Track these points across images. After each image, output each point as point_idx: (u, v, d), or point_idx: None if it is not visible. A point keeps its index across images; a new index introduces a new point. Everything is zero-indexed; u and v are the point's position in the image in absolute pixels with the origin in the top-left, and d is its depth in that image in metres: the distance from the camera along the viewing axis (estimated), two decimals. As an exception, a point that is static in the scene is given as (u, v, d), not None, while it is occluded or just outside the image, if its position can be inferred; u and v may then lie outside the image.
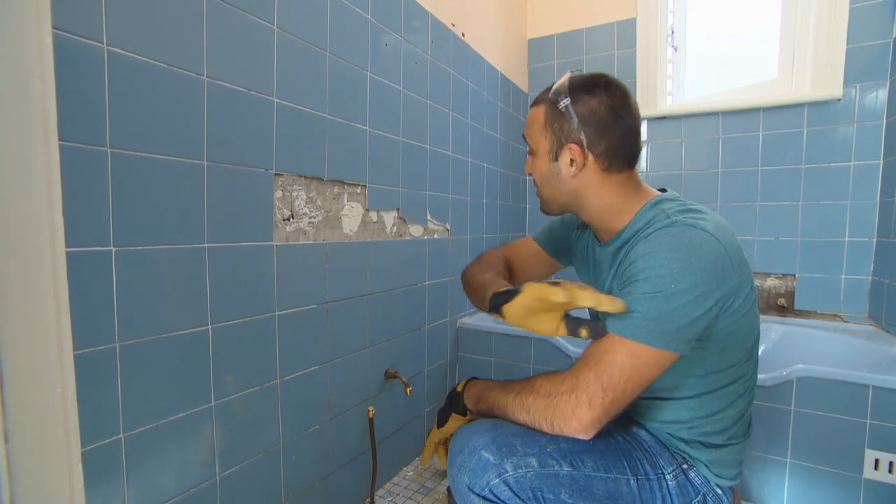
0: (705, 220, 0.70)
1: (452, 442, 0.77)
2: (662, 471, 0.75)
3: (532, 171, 0.85)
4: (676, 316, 0.64)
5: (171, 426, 0.80)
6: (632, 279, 0.68)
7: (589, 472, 0.71)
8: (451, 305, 1.69)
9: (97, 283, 0.69)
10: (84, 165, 0.67)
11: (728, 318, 0.70)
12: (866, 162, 1.72)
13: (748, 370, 0.78)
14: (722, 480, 0.77)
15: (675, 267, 0.65)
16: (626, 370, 0.64)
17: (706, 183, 1.99)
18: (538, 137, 0.81)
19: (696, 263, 0.65)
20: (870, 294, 1.73)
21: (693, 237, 0.67)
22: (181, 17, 0.79)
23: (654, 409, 0.80)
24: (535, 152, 0.82)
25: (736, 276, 0.68)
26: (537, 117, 0.81)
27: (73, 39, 0.65)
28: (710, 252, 0.66)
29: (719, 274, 0.66)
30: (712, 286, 0.65)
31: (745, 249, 0.75)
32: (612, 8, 2.15)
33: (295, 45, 1.01)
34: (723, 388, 0.76)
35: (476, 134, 1.85)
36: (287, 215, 1.02)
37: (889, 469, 1.13)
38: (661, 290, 0.64)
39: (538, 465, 0.69)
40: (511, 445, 0.70)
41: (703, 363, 0.74)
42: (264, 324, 0.97)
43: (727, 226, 0.73)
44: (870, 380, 1.14)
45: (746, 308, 0.72)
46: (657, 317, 0.64)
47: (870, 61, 1.69)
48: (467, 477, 0.70)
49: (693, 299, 0.64)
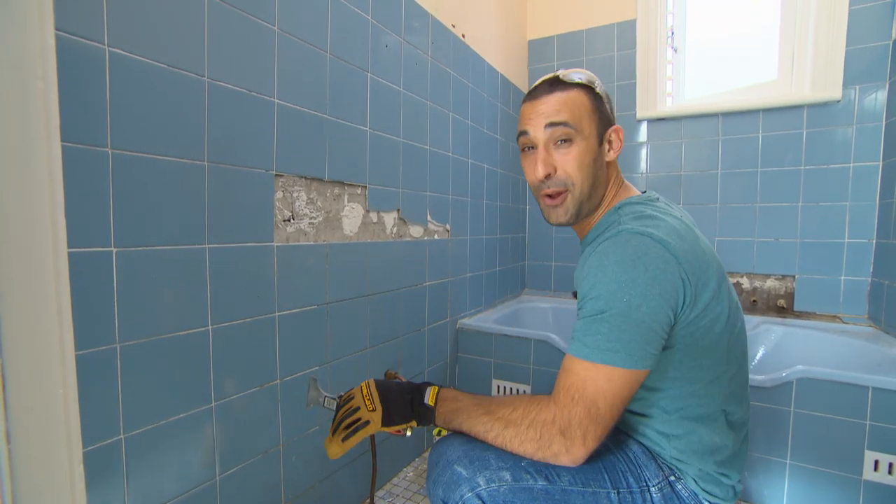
0: (656, 227, 0.68)
1: (430, 455, 0.76)
2: (647, 483, 0.72)
3: (564, 162, 0.75)
4: (636, 333, 0.63)
5: (172, 427, 0.80)
6: (586, 297, 0.67)
7: (566, 486, 0.69)
8: (450, 306, 1.69)
9: (98, 284, 0.69)
10: (85, 166, 0.67)
11: (684, 329, 0.67)
12: (866, 163, 1.72)
13: (719, 390, 0.73)
14: (713, 498, 0.73)
15: (623, 280, 0.64)
16: (608, 396, 0.63)
17: (706, 184, 2.00)
18: (587, 120, 0.74)
19: (642, 273, 0.64)
20: (869, 295, 1.73)
21: (639, 245, 0.66)
22: (182, 18, 0.79)
23: (637, 423, 0.78)
24: (574, 136, 0.74)
25: (690, 282, 0.66)
26: (581, 100, 0.74)
27: (74, 40, 0.65)
28: (657, 259, 0.64)
29: (669, 280, 0.64)
30: (666, 295, 0.64)
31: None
32: (612, 9, 2.15)
33: (296, 46, 1.01)
34: (689, 406, 0.72)
35: (476, 135, 1.85)
36: (287, 216, 1.02)
37: (889, 470, 1.13)
38: (614, 307, 0.63)
39: (512, 478, 0.68)
40: (484, 459, 0.69)
41: (664, 378, 0.71)
42: (264, 324, 0.97)
43: (685, 232, 0.70)
44: (869, 381, 1.14)
45: (707, 319, 0.68)
46: (620, 337, 0.63)
47: (869, 63, 1.69)
48: (441, 490, 0.70)
49: (648, 312, 0.63)
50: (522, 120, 0.78)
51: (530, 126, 0.76)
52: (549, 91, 0.75)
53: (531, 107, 0.77)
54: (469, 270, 1.83)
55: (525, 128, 0.77)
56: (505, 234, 2.17)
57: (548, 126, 0.74)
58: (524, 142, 0.79)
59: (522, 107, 0.79)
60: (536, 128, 0.75)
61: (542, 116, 0.75)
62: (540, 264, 2.41)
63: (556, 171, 0.75)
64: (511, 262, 2.26)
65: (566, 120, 0.73)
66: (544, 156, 0.75)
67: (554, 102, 0.74)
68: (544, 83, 0.77)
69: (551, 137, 0.75)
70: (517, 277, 2.35)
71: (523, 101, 0.80)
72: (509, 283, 2.25)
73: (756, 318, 1.85)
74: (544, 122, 0.74)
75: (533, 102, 0.77)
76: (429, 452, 0.77)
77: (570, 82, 0.75)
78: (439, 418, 0.76)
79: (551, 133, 0.74)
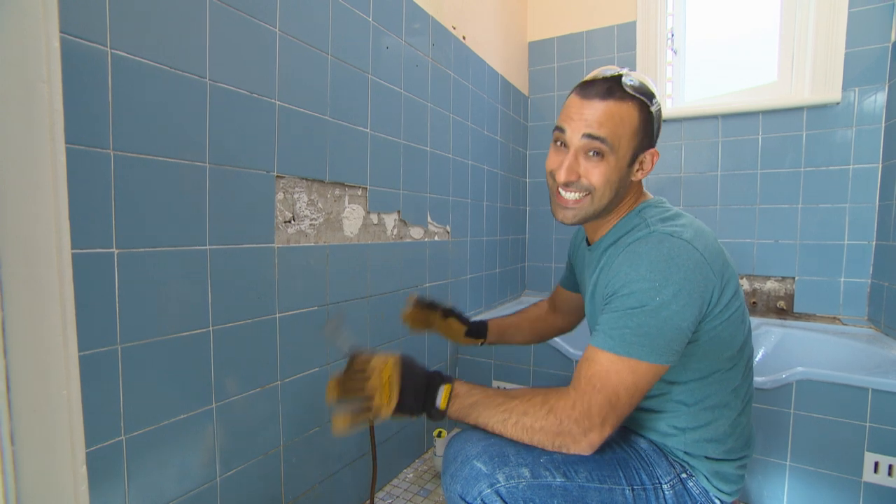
0: (683, 228, 0.71)
1: (445, 450, 0.77)
2: (659, 480, 0.74)
3: (590, 172, 0.73)
4: (665, 329, 0.65)
5: (173, 427, 0.81)
6: (616, 293, 0.68)
7: (583, 482, 0.70)
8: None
9: (99, 285, 0.70)
10: (88, 168, 0.67)
11: (709, 324, 0.70)
12: (865, 165, 1.73)
13: (735, 378, 0.76)
14: (722, 494, 0.76)
15: (656, 279, 0.66)
16: (630, 388, 0.65)
17: (706, 186, 2.00)
18: (626, 140, 0.72)
19: (675, 273, 0.66)
20: (869, 297, 1.74)
21: (672, 247, 0.68)
22: (183, 20, 0.80)
23: (647, 420, 0.80)
24: (608, 154, 0.71)
25: (718, 280, 0.69)
26: (630, 117, 0.71)
27: (77, 43, 0.65)
28: (689, 260, 0.67)
29: (699, 281, 0.67)
30: (694, 295, 0.66)
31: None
32: (612, 11, 2.15)
33: (297, 47, 1.01)
34: (709, 396, 0.75)
35: (476, 136, 1.85)
36: (288, 217, 1.02)
37: (889, 472, 1.13)
38: (646, 304, 0.65)
39: (531, 475, 0.69)
40: (504, 455, 0.70)
41: (686, 370, 0.74)
42: (265, 326, 0.97)
43: (707, 231, 0.74)
44: (869, 383, 1.14)
45: (729, 313, 0.72)
46: (648, 332, 0.65)
47: (869, 65, 1.69)
48: (459, 486, 0.70)
49: (677, 310, 0.65)
50: (565, 114, 0.74)
51: (569, 127, 0.73)
52: (602, 96, 0.71)
53: (578, 105, 0.72)
54: (469, 272, 1.83)
55: (564, 126, 0.73)
56: (505, 235, 2.17)
57: (585, 136, 0.71)
58: (559, 137, 0.75)
59: (571, 97, 0.75)
60: (574, 132, 0.72)
61: (583, 123, 0.71)
62: (540, 265, 2.41)
63: (579, 179, 0.74)
64: (511, 263, 2.26)
65: (605, 136, 0.70)
66: (571, 162, 0.73)
67: (602, 112, 0.70)
68: (602, 83, 0.72)
69: (585, 147, 0.72)
70: (517, 279, 2.35)
71: (574, 91, 0.75)
72: (509, 284, 2.25)
73: (756, 319, 1.85)
74: (584, 131, 0.71)
75: (582, 101, 0.72)
76: (445, 448, 0.77)
77: (628, 92, 0.71)
78: (452, 415, 0.73)
79: (587, 143, 0.72)
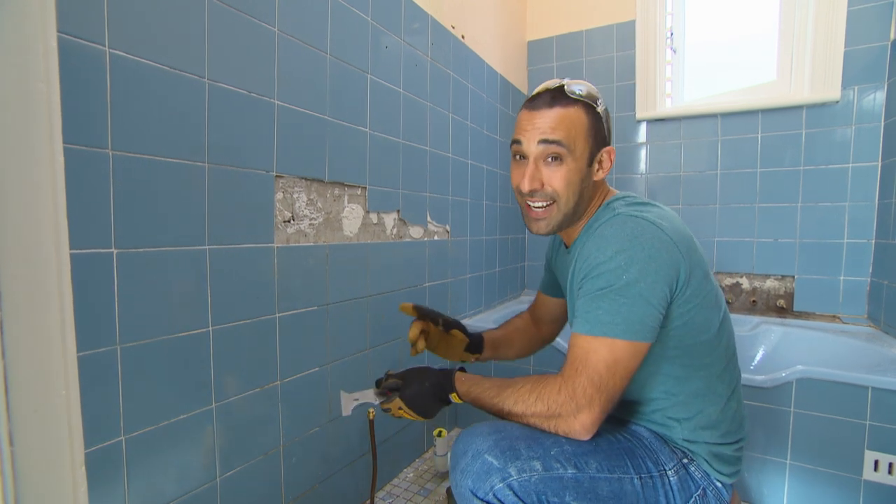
0: (649, 211, 0.74)
1: (454, 445, 0.77)
2: (664, 467, 0.76)
3: (552, 178, 0.76)
4: (635, 307, 0.67)
5: (172, 428, 0.80)
6: (587, 276, 0.71)
7: (593, 473, 0.71)
8: (451, 307, 1.70)
9: (98, 285, 0.69)
10: (86, 168, 0.67)
11: (682, 307, 0.72)
12: (864, 164, 1.73)
13: (717, 363, 0.78)
14: (722, 476, 0.78)
15: (621, 259, 0.68)
16: (611, 365, 0.67)
17: (705, 185, 2.00)
18: (581, 141, 0.75)
19: (640, 252, 0.68)
20: (868, 295, 1.74)
21: (636, 226, 0.71)
22: (182, 20, 0.79)
23: (646, 412, 0.82)
24: (565, 156, 0.74)
25: (685, 261, 0.71)
26: (580, 119, 0.74)
27: (75, 42, 0.65)
28: (654, 238, 0.69)
29: (665, 259, 0.69)
30: (661, 272, 0.68)
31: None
32: (612, 10, 2.15)
33: (296, 47, 1.01)
34: (693, 383, 0.77)
35: (476, 136, 1.85)
36: (288, 217, 1.02)
37: (889, 470, 1.13)
38: (614, 284, 0.68)
39: (542, 468, 0.69)
40: (515, 449, 0.70)
41: (665, 358, 0.76)
42: (265, 325, 0.97)
43: (675, 217, 0.77)
44: (869, 381, 1.14)
45: (701, 297, 0.74)
46: (619, 310, 0.67)
47: (868, 64, 1.69)
48: (471, 481, 0.69)
49: (646, 287, 0.67)
50: (519, 127, 0.78)
51: (524, 138, 0.76)
52: (549, 104, 0.75)
53: (529, 117, 0.76)
54: (469, 271, 1.83)
55: (519, 137, 0.77)
56: (504, 234, 2.17)
57: (541, 142, 0.74)
58: (517, 150, 0.79)
59: (521, 112, 0.79)
60: (530, 141, 0.75)
61: (537, 131, 0.74)
62: (540, 265, 2.41)
63: (543, 186, 0.76)
64: (511, 262, 2.26)
65: (560, 139, 0.73)
66: (533, 170, 0.76)
67: (552, 118, 0.74)
68: (547, 94, 0.76)
69: (543, 153, 0.75)
70: (517, 278, 2.35)
71: (522, 107, 0.79)
72: (509, 283, 2.25)
73: (756, 318, 1.86)
74: (539, 137, 0.74)
75: (532, 113, 0.76)
76: (453, 443, 0.78)
77: (572, 97, 0.75)
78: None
79: (544, 149, 0.75)
